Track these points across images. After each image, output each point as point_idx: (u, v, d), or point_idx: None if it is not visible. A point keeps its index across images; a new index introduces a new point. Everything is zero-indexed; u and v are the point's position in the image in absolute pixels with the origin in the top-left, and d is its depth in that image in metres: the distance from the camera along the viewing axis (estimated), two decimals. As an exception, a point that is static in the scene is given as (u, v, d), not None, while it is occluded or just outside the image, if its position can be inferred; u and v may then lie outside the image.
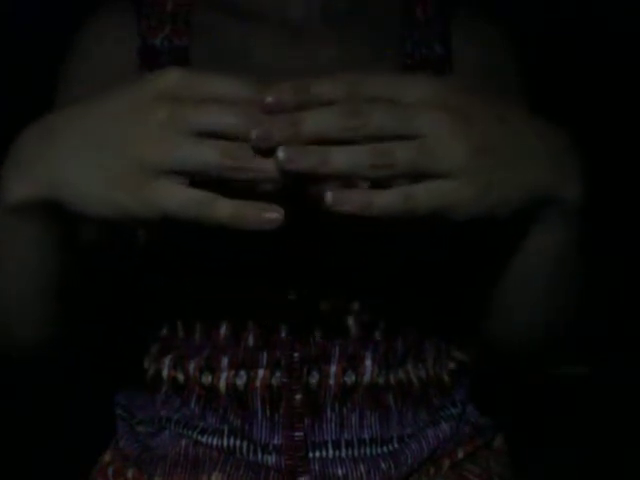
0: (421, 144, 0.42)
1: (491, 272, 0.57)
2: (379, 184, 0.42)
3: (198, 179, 0.43)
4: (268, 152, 0.41)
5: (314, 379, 0.59)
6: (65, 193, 0.45)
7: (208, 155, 0.41)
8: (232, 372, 0.59)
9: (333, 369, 0.59)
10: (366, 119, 0.41)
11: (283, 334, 0.59)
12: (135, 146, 0.42)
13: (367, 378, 0.60)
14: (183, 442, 0.60)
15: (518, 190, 0.45)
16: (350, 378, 0.59)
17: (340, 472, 0.58)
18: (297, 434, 0.58)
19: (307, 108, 0.42)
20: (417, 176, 0.42)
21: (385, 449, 0.60)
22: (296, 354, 0.58)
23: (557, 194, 0.46)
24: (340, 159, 0.41)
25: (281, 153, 0.41)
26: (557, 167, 0.46)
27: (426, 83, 0.43)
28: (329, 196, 0.41)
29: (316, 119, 0.41)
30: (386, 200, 0.42)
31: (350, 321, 0.60)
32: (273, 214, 0.42)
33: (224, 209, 0.42)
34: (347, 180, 0.57)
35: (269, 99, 0.42)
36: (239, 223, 0.42)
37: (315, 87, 0.42)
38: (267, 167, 0.42)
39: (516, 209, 0.45)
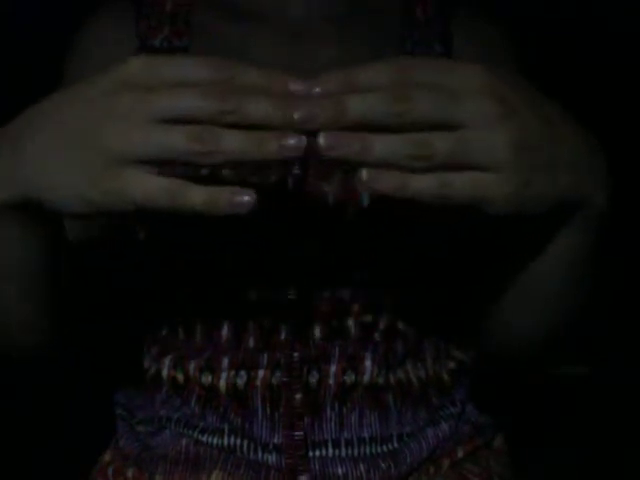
0: (461, 136, 0.41)
1: (501, 272, 0.57)
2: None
3: (174, 169, 0.42)
4: (237, 133, 0.40)
5: (314, 378, 0.59)
6: (38, 192, 0.44)
7: (174, 141, 0.40)
8: (232, 372, 0.59)
9: (333, 369, 0.59)
10: (411, 105, 0.40)
11: (283, 334, 0.59)
12: (100, 137, 0.41)
13: (367, 378, 0.60)
14: (183, 441, 0.60)
15: (554, 191, 0.44)
16: (350, 378, 0.59)
17: (340, 471, 0.58)
18: (297, 433, 0.58)
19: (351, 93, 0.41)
20: (455, 167, 0.41)
21: (385, 448, 0.60)
22: (296, 354, 0.58)
23: (587, 199, 0.46)
24: (378, 147, 0.40)
25: (322, 139, 0.40)
26: (591, 172, 0.46)
27: (476, 71, 0.42)
28: (364, 174, 0.41)
29: (361, 103, 0.40)
30: (421, 184, 0.41)
31: (350, 322, 0.60)
32: (245, 197, 0.41)
33: (196, 195, 0.41)
34: (347, 187, 0.57)
35: (316, 89, 0.41)
36: (212, 208, 0.41)
37: (360, 73, 0.41)
38: (237, 149, 0.40)
39: (549, 210, 0.45)
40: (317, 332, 0.59)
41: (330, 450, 0.59)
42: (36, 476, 1.08)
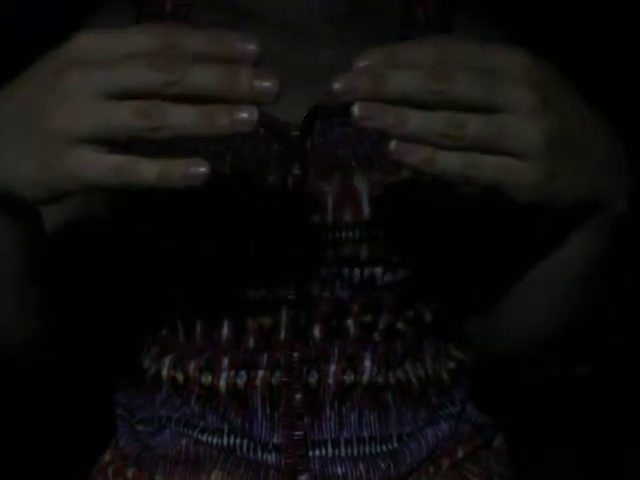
0: (497, 120, 0.41)
1: (510, 270, 0.57)
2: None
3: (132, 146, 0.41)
4: (186, 108, 0.39)
5: (313, 378, 0.59)
6: (4, 181, 0.43)
7: (120, 117, 0.39)
8: (232, 372, 0.59)
9: (332, 368, 0.59)
10: (451, 84, 0.40)
11: (283, 334, 0.59)
12: (48, 119, 0.40)
13: (366, 378, 0.60)
14: (183, 441, 0.60)
15: (580, 187, 0.44)
16: (349, 377, 0.59)
17: (340, 471, 0.58)
18: (297, 433, 0.58)
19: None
20: (485, 150, 0.41)
21: (384, 448, 0.60)
22: (296, 354, 0.58)
23: (608, 198, 0.46)
24: (413, 123, 0.40)
25: (357, 109, 0.40)
26: (614, 171, 0.46)
27: (518, 57, 0.42)
28: (393, 145, 0.41)
29: (401, 78, 0.40)
30: (449, 161, 0.41)
31: (349, 322, 0.60)
32: (200, 169, 0.40)
33: (148, 170, 0.40)
34: (347, 187, 0.57)
35: (359, 64, 0.41)
36: (166, 182, 0.40)
37: (402, 50, 0.41)
38: (185, 124, 0.39)
39: (569, 206, 0.45)
40: (317, 332, 0.59)
41: (330, 450, 0.59)
42: (36, 476, 1.08)
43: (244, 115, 0.39)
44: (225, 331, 0.60)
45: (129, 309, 0.65)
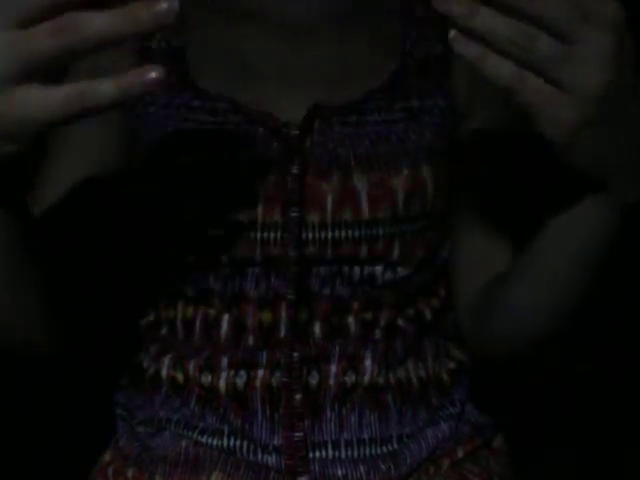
0: (568, 50, 0.41)
1: (516, 264, 0.57)
2: None
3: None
4: (102, 12, 0.38)
5: (314, 379, 0.59)
6: None
7: (38, 42, 0.38)
8: (232, 372, 0.59)
9: (333, 369, 0.59)
10: None
11: (283, 334, 0.59)
12: None
13: (367, 378, 0.60)
14: (183, 442, 0.60)
15: (604, 148, 0.45)
16: (350, 378, 0.59)
17: (340, 472, 0.58)
18: (297, 434, 0.58)
19: None
20: (542, 74, 0.41)
21: (384, 449, 0.60)
22: (296, 354, 0.58)
23: (627, 185, 0.47)
24: (487, 20, 0.40)
25: None
26: (636, 157, 0.46)
27: (614, 6, 0.42)
28: (452, 33, 0.41)
29: None
30: (502, 66, 0.41)
31: (350, 319, 0.60)
32: (153, 73, 0.38)
33: (106, 88, 0.38)
34: (346, 186, 0.57)
35: None
36: (126, 92, 0.39)
37: None
38: (104, 28, 0.38)
39: (588, 166, 0.45)
40: (317, 330, 0.59)
41: (330, 451, 0.59)
42: (36, 476, 1.08)
43: (163, 5, 0.38)
44: (224, 329, 0.60)
45: (129, 308, 0.65)
